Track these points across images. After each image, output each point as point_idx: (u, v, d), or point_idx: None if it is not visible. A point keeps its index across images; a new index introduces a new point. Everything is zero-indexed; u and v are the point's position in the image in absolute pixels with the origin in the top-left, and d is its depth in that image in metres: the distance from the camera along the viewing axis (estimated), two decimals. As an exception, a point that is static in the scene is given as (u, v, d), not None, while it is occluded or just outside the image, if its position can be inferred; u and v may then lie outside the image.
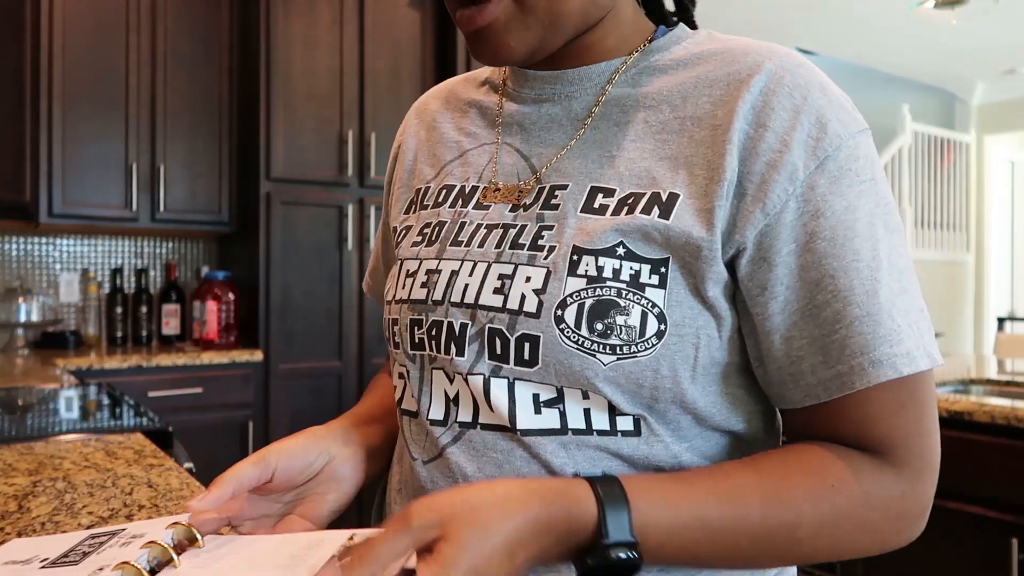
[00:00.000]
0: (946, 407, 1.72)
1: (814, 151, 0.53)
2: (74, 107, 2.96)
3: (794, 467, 0.54)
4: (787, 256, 0.54)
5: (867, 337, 0.52)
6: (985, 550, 1.67)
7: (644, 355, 0.54)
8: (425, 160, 0.71)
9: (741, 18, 5.25)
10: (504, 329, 0.56)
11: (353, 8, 3.28)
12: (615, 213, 0.56)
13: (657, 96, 0.60)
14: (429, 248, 0.64)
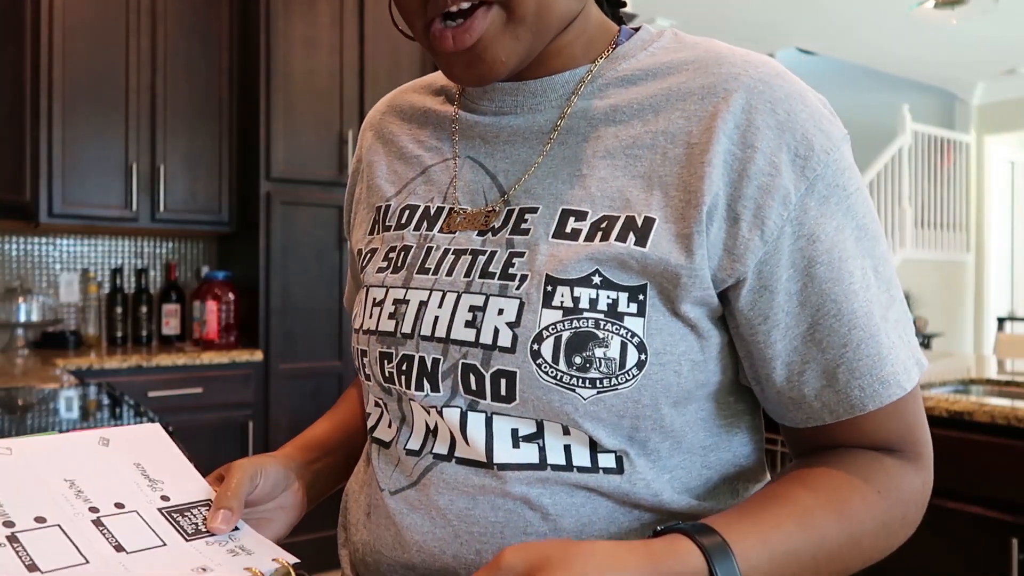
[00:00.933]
0: (946, 407, 1.72)
1: (803, 172, 0.52)
2: (74, 107, 2.96)
3: (843, 480, 0.54)
4: (787, 283, 0.53)
5: (873, 359, 0.53)
6: (985, 550, 1.67)
7: (625, 387, 0.52)
8: (384, 176, 0.67)
9: (741, 18, 5.26)
10: (478, 365, 0.54)
11: (353, 8, 3.28)
12: (588, 239, 0.54)
13: (627, 110, 0.56)
14: (395, 275, 0.61)
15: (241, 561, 0.53)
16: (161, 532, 0.54)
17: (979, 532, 1.68)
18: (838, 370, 0.53)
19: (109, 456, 0.59)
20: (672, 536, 0.48)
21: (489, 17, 0.52)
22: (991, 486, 1.66)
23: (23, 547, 0.48)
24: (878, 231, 0.55)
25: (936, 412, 1.74)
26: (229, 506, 0.57)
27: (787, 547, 0.50)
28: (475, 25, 0.52)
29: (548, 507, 0.55)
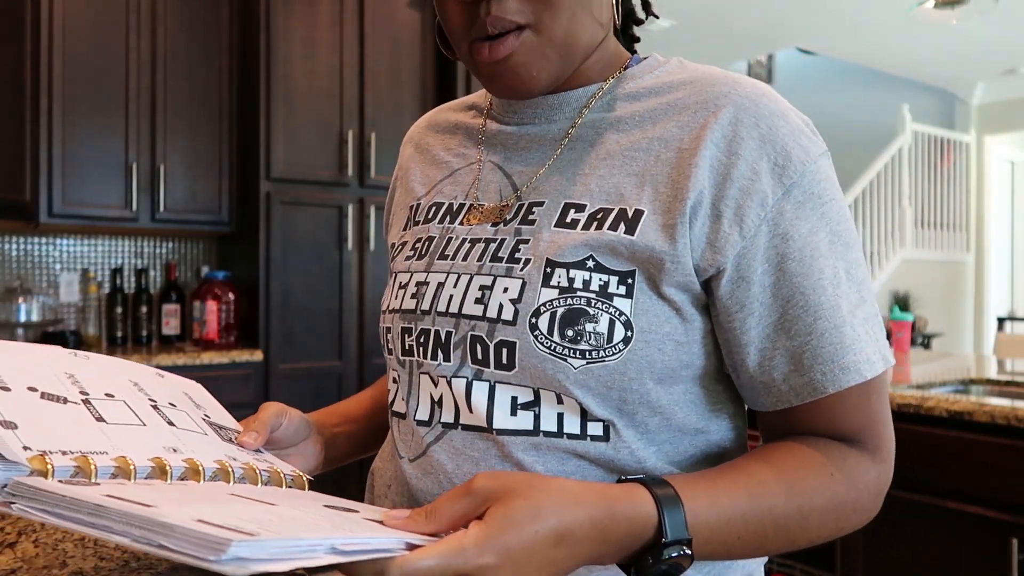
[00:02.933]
0: (946, 407, 1.72)
1: (780, 179, 0.58)
2: (74, 107, 2.96)
3: (800, 461, 0.59)
4: (761, 275, 0.59)
5: (835, 347, 0.58)
6: (985, 550, 1.67)
7: (612, 359, 0.58)
8: (417, 179, 0.77)
9: (741, 18, 5.25)
10: (484, 336, 0.61)
11: (353, 8, 3.28)
12: (585, 228, 0.61)
13: (629, 120, 0.64)
14: (419, 262, 0.69)
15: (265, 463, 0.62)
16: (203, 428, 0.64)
17: (979, 532, 1.68)
18: (803, 356, 0.59)
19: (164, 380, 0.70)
20: (631, 484, 0.53)
21: (521, 37, 0.61)
22: (991, 486, 1.66)
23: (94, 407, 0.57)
24: (853, 239, 0.61)
25: (936, 412, 1.74)
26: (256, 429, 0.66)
27: (735, 511, 0.55)
28: (508, 41, 0.60)
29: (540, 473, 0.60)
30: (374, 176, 3.32)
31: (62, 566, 0.67)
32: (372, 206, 3.31)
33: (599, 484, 0.52)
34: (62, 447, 0.50)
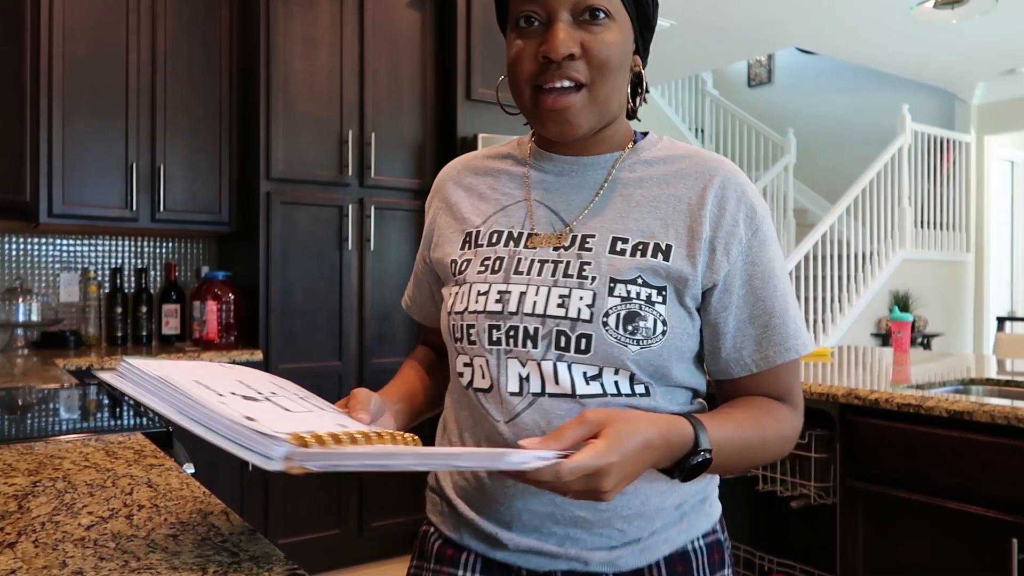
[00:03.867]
0: (946, 407, 1.72)
1: (749, 225, 0.87)
2: (74, 107, 2.96)
3: (761, 410, 0.89)
4: (739, 288, 0.87)
5: (783, 335, 0.88)
6: (985, 550, 1.67)
7: (655, 346, 0.84)
8: (469, 210, 0.96)
9: (741, 18, 5.25)
10: (567, 331, 0.84)
11: (353, 8, 3.28)
12: (632, 255, 0.85)
13: (648, 180, 0.90)
14: (495, 275, 0.89)
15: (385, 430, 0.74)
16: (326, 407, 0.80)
17: (979, 532, 1.68)
18: (762, 340, 0.88)
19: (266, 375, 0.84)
20: (677, 416, 0.81)
21: (579, 95, 0.84)
22: (991, 486, 1.66)
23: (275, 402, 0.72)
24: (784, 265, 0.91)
25: (936, 412, 1.74)
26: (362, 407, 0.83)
27: (734, 436, 0.84)
28: (569, 97, 0.84)
29: None
30: (374, 176, 3.32)
31: (62, 566, 0.67)
32: (372, 206, 3.31)
33: (661, 415, 0.78)
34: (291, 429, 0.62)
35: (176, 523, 0.80)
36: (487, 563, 0.90)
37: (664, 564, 0.87)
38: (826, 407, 1.98)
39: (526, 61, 0.84)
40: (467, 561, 0.91)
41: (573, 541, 0.85)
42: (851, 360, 2.58)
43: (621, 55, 0.85)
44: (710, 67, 6.99)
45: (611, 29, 0.84)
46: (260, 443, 0.60)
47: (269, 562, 0.69)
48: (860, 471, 1.90)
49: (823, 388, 1.96)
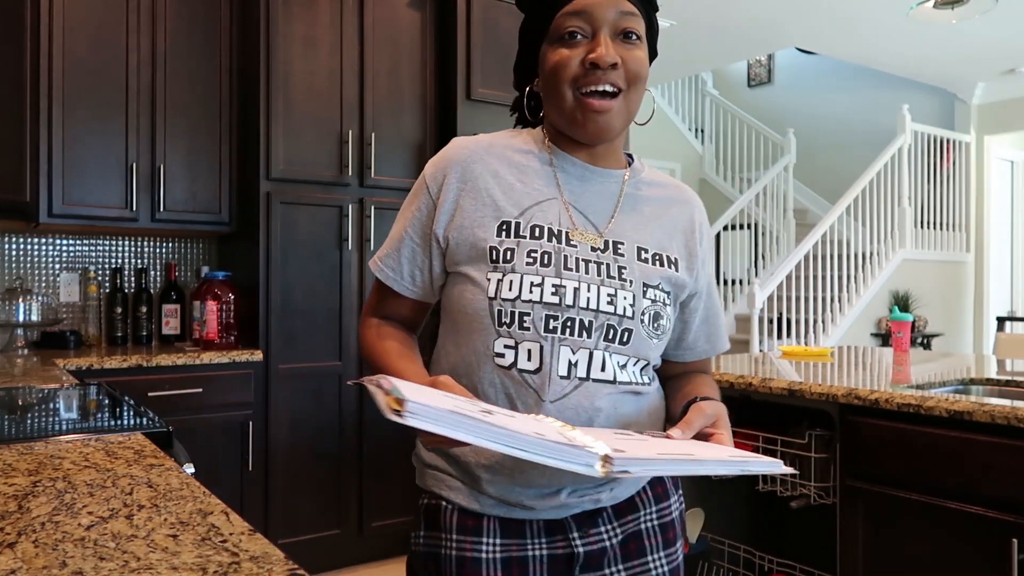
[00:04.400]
0: (946, 407, 1.72)
1: (709, 246, 1.12)
2: (74, 107, 2.96)
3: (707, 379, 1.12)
4: (706, 294, 1.11)
5: (720, 331, 1.15)
6: (985, 550, 1.67)
7: (664, 339, 1.04)
8: (503, 198, 1.01)
9: (741, 18, 5.25)
10: (615, 325, 0.98)
11: (353, 8, 3.28)
12: (653, 264, 1.02)
13: (651, 200, 1.08)
14: (545, 268, 0.97)
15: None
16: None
17: (979, 532, 1.68)
18: (711, 335, 1.14)
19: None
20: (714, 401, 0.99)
21: (617, 100, 0.98)
22: (991, 486, 1.66)
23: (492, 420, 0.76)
24: None
25: (936, 412, 1.74)
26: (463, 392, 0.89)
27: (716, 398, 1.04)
28: (610, 101, 0.98)
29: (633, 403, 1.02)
30: (374, 176, 3.32)
31: (62, 566, 0.67)
32: (372, 206, 3.31)
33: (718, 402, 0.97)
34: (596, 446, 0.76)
35: (176, 523, 0.80)
36: (504, 524, 1.01)
37: (649, 491, 1.09)
38: (826, 407, 1.98)
39: (572, 67, 0.97)
40: (488, 528, 1.01)
41: (587, 489, 1.00)
42: (851, 360, 2.58)
43: (646, 70, 1.00)
44: (710, 67, 6.98)
45: (640, 48, 0.99)
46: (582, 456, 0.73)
47: (269, 562, 0.69)
48: (860, 471, 1.90)
49: (823, 388, 1.96)
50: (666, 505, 1.10)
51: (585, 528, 1.02)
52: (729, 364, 2.44)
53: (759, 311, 5.82)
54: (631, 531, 1.05)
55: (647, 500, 1.07)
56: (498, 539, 1.00)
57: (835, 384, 1.96)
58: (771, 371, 2.26)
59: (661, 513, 1.08)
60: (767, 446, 2.18)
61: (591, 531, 1.02)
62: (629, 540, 1.05)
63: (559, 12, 0.99)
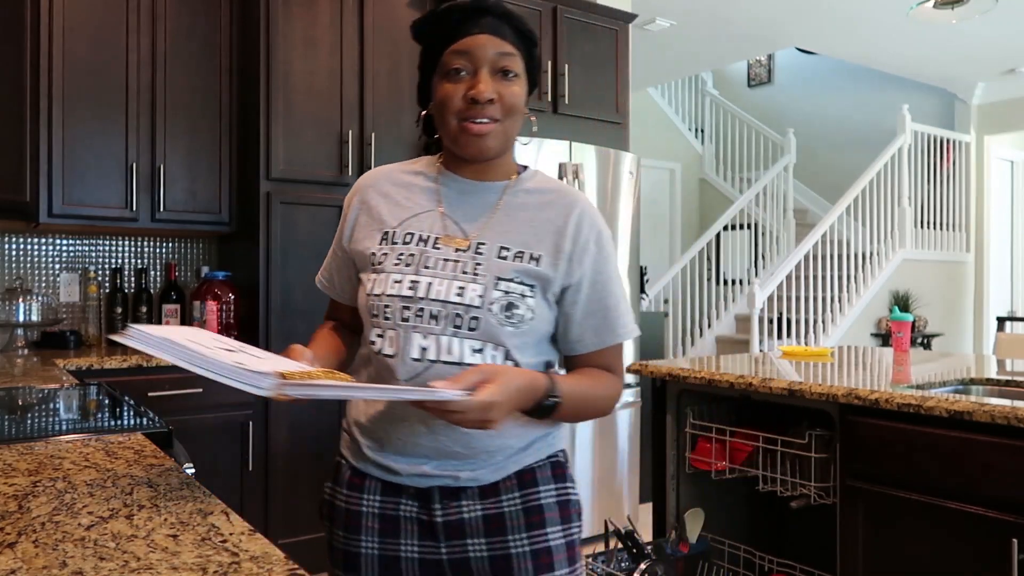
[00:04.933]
0: (946, 407, 1.72)
1: (597, 244, 1.19)
2: (74, 107, 2.96)
3: (594, 376, 1.21)
4: (586, 288, 1.18)
5: (613, 324, 1.20)
6: (985, 550, 1.67)
7: (525, 327, 1.14)
8: (386, 213, 1.20)
9: (741, 18, 5.25)
10: (462, 314, 1.11)
11: (353, 8, 3.28)
12: (513, 260, 1.14)
13: (528, 205, 1.19)
14: (408, 268, 1.14)
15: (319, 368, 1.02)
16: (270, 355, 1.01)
17: (979, 532, 1.68)
18: (599, 327, 1.19)
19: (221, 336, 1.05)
20: (538, 372, 1.13)
21: (494, 126, 1.13)
22: (991, 486, 1.66)
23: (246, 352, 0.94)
24: (618, 272, 1.22)
25: (936, 412, 1.74)
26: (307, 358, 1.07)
27: (574, 389, 1.15)
28: (491, 127, 1.13)
29: None
30: (374, 176, 3.31)
31: (62, 566, 0.67)
32: (372, 206, 3.31)
33: (529, 370, 1.11)
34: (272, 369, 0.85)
35: (176, 523, 0.80)
36: (384, 486, 1.18)
37: (515, 476, 1.18)
38: (826, 407, 1.98)
39: (455, 100, 1.12)
40: (369, 487, 1.19)
41: (448, 467, 1.14)
42: (851, 360, 2.58)
43: (522, 103, 1.15)
44: (710, 67, 6.99)
45: (517, 84, 1.14)
46: (252, 378, 0.84)
47: (269, 562, 0.69)
48: (860, 471, 1.90)
49: (823, 388, 1.95)
50: (533, 492, 1.19)
51: (447, 501, 1.16)
52: (729, 364, 2.44)
53: (759, 311, 5.82)
54: (492, 512, 1.16)
55: (511, 487, 1.17)
56: (377, 496, 1.18)
57: (835, 384, 1.96)
58: (771, 371, 2.26)
59: (526, 499, 1.18)
60: (767, 446, 2.18)
61: (452, 504, 1.15)
62: (492, 519, 1.16)
63: (447, 50, 1.14)
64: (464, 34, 1.13)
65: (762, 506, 2.57)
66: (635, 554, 2.20)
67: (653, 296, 6.49)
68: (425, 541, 1.17)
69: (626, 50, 3.96)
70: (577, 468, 3.52)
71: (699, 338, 6.80)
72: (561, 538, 1.19)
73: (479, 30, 1.13)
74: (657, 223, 8.16)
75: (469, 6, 1.14)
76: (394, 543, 1.18)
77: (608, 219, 3.60)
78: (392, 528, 1.18)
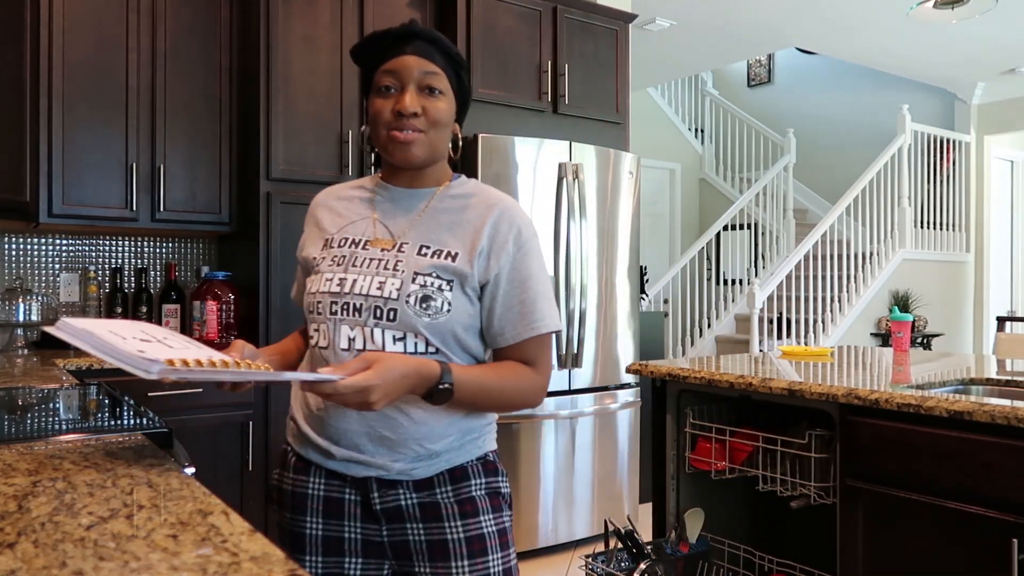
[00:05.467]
0: (946, 407, 1.72)
1: (516, 242, 1.27)
2: (74, 107, 2.96)
3: (510, 369, 1.27)
4: (504, 284, 1.26)
5: (534, 316, 1.27)
6: (985, 550, 1.67)
7: (442, 319, 1.22)
8: (328, 223, 1.35)
9: (741, 18, 5.25)
10: (381, 306, 1.22)
11: (353, 8, 3.28)
12: (431, 257, 1.24)
13: (451, 209, 1.30)
14: (339, 267, 1.27)
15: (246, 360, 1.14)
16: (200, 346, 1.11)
17: (979, 532, 1.68)
18: (518, 321, 1.27)
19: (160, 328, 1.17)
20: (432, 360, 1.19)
21: (418, 136, 1.25)
22: (991, 486, 1.66)
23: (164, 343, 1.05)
24: (543, 267, 1.30)
25: (936, 412, 1.74)
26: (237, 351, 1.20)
27: (472, 377, 1.21)
28: (413, 136, 1.25)
29: None
30: (374, 176, 3.32)
31: (62, 566, 0.67)
32: (372, 206, 3.31)
33: (418, 358, 1.16)
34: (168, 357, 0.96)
35: (176, 523, 0.80)
36: (327, 472, 1.28)
37: (447, 474, 1.26)
38: (826, 407, 1.98)
39: (385, 114, 1.25)
40: (313, 471, 1.29)
41: (380, 455, 1.23)
42: (851, 360, 2.58)
43: (447, 117, 1.28)
44: (710, 67, 6.99)
45: (442, 100, 1.26)
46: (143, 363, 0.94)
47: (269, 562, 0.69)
48: (860, 471, 1.90)
49: (823, 388, 1.96)
50: (465, 485, 1.28)
51: (384, 490, 1.25)
52: (729, 364, 2.44)
53: (759, 311, 5.82)
54: (428, 501, 1.25)
55: (444, 481, 1.26)
56: (322, 480, 1.28)
57: (835, 384, 1.96)
58: (771, 371, 2.26)
59: (459, 492, 1.27)
60: (767, 446, 2.18)
61: (389, 492, 1.25)
62: (427, 507, 1.25)
63: (378, 69, 1.26)
64: (394, 55, 1.25)
65: (762, 506, 2.57)
66: (635, 554, 2.20)
67: (653, 296, 6.49)
68: (368, 524, 1.27)
69: (626, 50, 3.96)
70: (577, 468, 3.52)
71: (699, 338, 6.80)
72: (493, 526, 1.29)
73: (408, 52, 1.25)
74: (657, 223, 8.16)
75: (400, 31, 1.27)
76: (338, 524, 1.27)
77: (608, 219, 3.60)
78: (337, 510, 1.27)
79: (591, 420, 3.56)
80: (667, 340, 6.41)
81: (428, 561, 1.25)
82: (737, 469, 2.26)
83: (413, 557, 1.26)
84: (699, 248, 6.82)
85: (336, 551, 1.27)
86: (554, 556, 3.43)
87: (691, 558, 2.31)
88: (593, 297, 3.54)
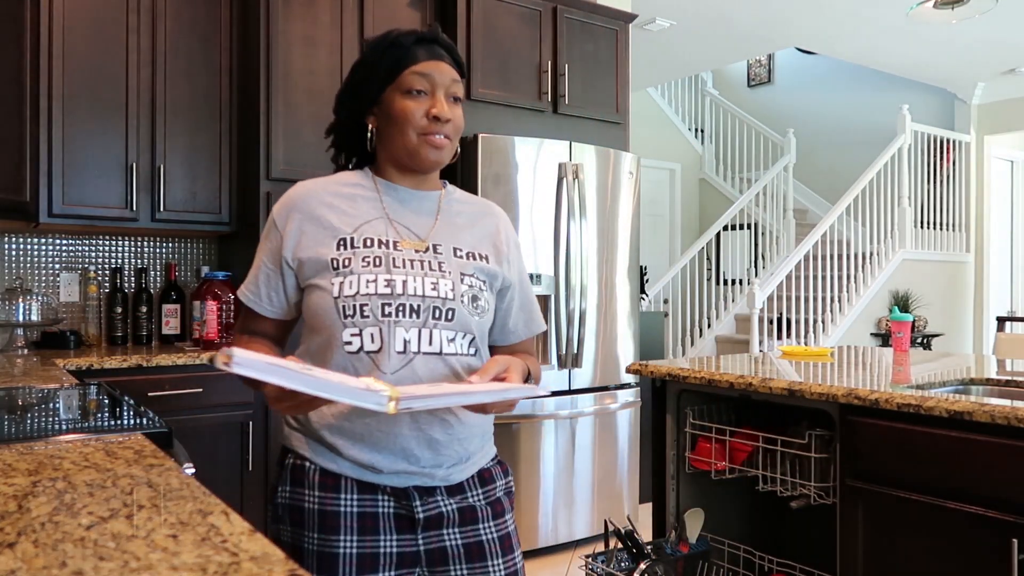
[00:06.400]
0: (946, 407, 1.72)
1: (517, 249, 1.41)
2: (74, 107, 2.96)
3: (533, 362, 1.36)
4: (517, 285, 1.39)
5: (536, 317, 1.43)
6: (985, 550, 1.67)
7: (486, 317, 1.30)
8: (338, 222, 1.27)
9: (741, 18, 5.25)
10: (439, 306, 1.24)
11: (353, 8, 3.28)
12: (467, 259, 1.30)
13: (462, 214, 1.36)
14: (378, 268, 1.23)
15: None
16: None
17: (979, 532, 1.68)
18: (527, 320, 1.41)
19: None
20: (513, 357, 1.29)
21: (448, 143, 1.30)
22: (991, 486, 1.66)
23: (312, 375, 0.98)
24: None
25: (936, 412, 1.74)
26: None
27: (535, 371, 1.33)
28: (445, 143, 1.29)
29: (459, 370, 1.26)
30: (374, 176, 3.31)
31: (62, 566, 0.67)
32: (372, 206, 3.31)
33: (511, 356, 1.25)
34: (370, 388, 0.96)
35: (176, 523, 0.80)
36: (360, 486, 1.24)
37: (476, 477, 1.32)
38: (826, 407, 1.98)
39: (417, 117, 1.26)
40: (346, 486, 1.24)
41: (425, 459, 1.23)
42: (851, 360, 2.58)
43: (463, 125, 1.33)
44: (710, 67, 6.98)
45: (460, 109, 1.31)
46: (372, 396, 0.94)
47: (269, 562, 0.69)
48: (860, 471, 1.90)
49: (823, 388, 1.96)
50: (491, 487, 1.34)
51: (424, 498, 1.25)
52: (729, 364, 2.44)
53: (759, 311, 5.82)
54: (464, 505, 1.29)
55: (474, 484, 1.31)
56: (355, 495, 1.24)
57: (835, 384, 1.96)
58: (771, 371, 2.26)
59: (487, 493, 1.32)
60: (767, 446, 2.18)
61: (429, 500, 1.25)
62: (464, 511, 1.28)
63: (408, 69, 1.25)
64: (426, 58, 1.26)
65: (762, 506, 2.57)
66: (635, 554, 2.20)
67: (653, 296, 6.49)
68: (403, 534, 1.25)
69: (626, 50, 3.96)
70: (577, 468, 3.52)
71: (699, 338, 6.80)
72: (512, 523, 1.37)
73: (443, 58, 1.28)
74: (657, 223, 8.16)
75: (425, 35, 1.28)
76: (374, 539, 1.24)
77: (608, 219, 3.60)
78: (372, 525, 1.24)
79: (591, 420, 3.56)
80: (667, 340, 6.41)
81: (465, 563, 1.27)
82: (737, 469, 2.26)
83: (450, 561, 1.27)
84: (699, 248, 6.82)
85: (371, 567, 1.23)
86: (554, 556, 3.43)
87: (691, 558, 2.31)
88: (593, 297, 3.54)
